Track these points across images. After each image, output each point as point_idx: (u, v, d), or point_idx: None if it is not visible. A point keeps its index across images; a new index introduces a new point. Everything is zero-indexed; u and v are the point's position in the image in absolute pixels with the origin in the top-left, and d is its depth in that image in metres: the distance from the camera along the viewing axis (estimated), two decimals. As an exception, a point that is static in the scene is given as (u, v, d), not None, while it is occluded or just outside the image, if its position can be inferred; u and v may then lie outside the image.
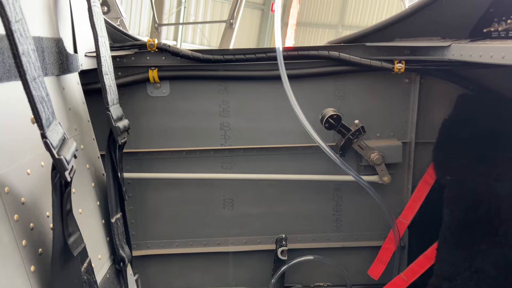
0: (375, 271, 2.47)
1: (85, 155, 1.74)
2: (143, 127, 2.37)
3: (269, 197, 2.50)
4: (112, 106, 1.76)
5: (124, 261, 1.81)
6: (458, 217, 2.14)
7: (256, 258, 2.59)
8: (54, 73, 1.55)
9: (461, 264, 2.03)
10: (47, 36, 1.51)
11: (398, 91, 2.37)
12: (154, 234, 2.53)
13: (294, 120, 2.13)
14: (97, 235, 1.73)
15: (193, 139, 2.40)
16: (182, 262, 2.58)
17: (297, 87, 2.18)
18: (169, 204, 2.48)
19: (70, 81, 1.73)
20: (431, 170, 2.37)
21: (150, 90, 2.34)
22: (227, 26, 5.10)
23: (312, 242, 2.57)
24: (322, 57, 2.25)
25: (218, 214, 2.52)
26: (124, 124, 1.82)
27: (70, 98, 1.70)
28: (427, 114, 2.40)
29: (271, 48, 2.23)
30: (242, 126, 2.40)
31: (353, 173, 2.20)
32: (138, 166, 2.42)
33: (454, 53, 1.85)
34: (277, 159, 2.45)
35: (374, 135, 2.42)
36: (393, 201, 2.49)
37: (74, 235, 1.29)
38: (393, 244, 2.40)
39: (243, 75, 2.32)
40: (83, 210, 1.62)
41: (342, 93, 2.37)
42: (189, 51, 2.22)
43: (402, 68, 2.19)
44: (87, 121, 1.85)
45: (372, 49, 2.27)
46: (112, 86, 1.79)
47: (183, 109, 2.37)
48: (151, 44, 2.20)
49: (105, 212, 1.80)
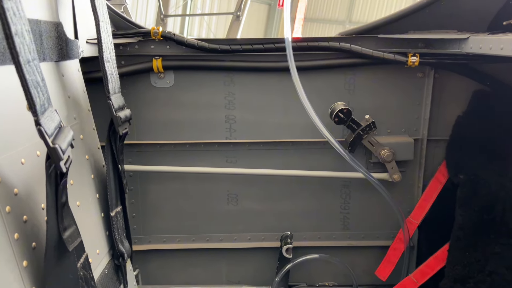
0: (383, 271, 2.39)
1: (85, 145, 1.67)
2: (145, 118, 2.30)
3: (275, 193, 2.43)
4: (114, 95, 1.69)
5: (123, 257, 1.75)
6: (471, 218, 2.06)
7: (260, 255, 2.52)
8: (52, 58, 1.48)
9: (474, 267, 1.95)
10: (45, 20, 1.43)
11: (410, 86, 2.28)
12: (155, 229, 2.46)
13: (302, 114, 2.05)
14: (96, 229, 1.67)
15: (197, 132, 2.33)
16: (184, 258, 2.51)
17: (305, 80, 2.10)
18: (172, 198, 2.42)
19: (70, 68, 1.66)
20: (443, 168, 2.29)
21: (154, 80, 2.26)
22: (234, 18, 5.01)
23: (318, 240, 2.49)
24: (333, 49, 2.16)
25: (222, 210, 2.45)
26: (126, 114, 1.74)
27: (69, 86, 1.63)
28: (440, 110, 2.31)
29: (279, 38, 2.15)
30: (248, 119, 2.33)
31: (363, 170, 2.11)
32: (140, 158, 2.35)
33: (472, 46, 1.77)
34: (284, 154, 2.38)
35: (385, 131, 2.33)
36: (403, 200, 2.41)
37: (69, 229, 1.23)
38: (402, 244, 2.32)
39: (250, 66, 2.24)
40: (81, 203, 1.55)
41: (353, 87, 2.28)
42: (194, 40, 2.15)
43: (416, 61, 2.10)
44: (87, 110, 1.78)
45: (385, 41, 2.18)
46: (113, 74, 1.72)
47: (187, 100, 2.29)
48: (156, 32, 2.12)
49: (105, 205, 1.74)
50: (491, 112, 2.16)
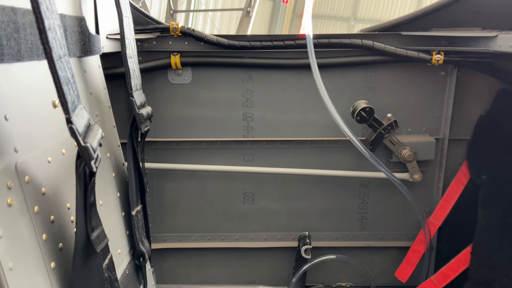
0: (403, 273, 2.35)
1: (106, 143, 1.64)
2: (162, 115, 2.26)
3: (292, 192, 2.39)
4: (136, 91, 1.65)
5: (144, 256, 1.71)
6: (495, 220, 2.02)
7: (276, 255, 2.49)
8: (76, 54, 1.44)
9: (499, 270, 1.92)
10: (69, 14, 1.40)
11: (433, 84, 2.24)
12: (171, 227, 2.43)
13: (321, 112, 2.01)
14: (117, 228, 1.63)
15: (214, 130, 2.29)
16: (199, 256, 2.48)
17: (325, 77, 2.06)
18: (187, 196, 2.38)
19: (91, 63, 1.62)
20: (464, 169, 2.25)
21: (171, 76, 2.22)
22: (244, 14, 4.96)
23: (335, 240, 2.46)
24: (355, 46, 2.12)
25: (238, 209, 2.41)
26: (148, 111, 1.71)
27: (91, 82, 1.60)
28: (462, 110, 2.26)
29: (300, 35, 2.11)
30: (266, 117, 2.29)
31: (385, 169, 2.08)
32: (156, 156, 2.32)
33: (501, 44, 1.72)
34: (302, 153, 2.34)
35: (405, 130, 2.29)
36: (423, 200, 2.37)
37: (97, 229, 1.19)
38: (423, 245, 2.28)
39: (269, 63, 2.20)
40: (104, 202, 1.52)
41: (374, 85, 2.24)
42: (214, 36, 2.11)
43: (441, 59, 2.06)
44: (108, 107, 1.75)
45: (407, 38, 2.14)
46: (135, 70, 1.68)
47: (205, 97, 2.25)
48: (175, 27, 2.08)
49: (125, 204, 1.70)
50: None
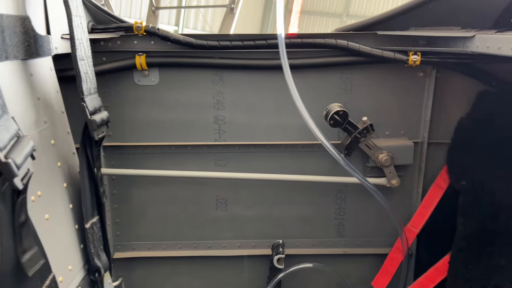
0: (380, 282, 2.27)
1: (57, 151, 1.53)
2: (129, 118, 2.16)
3: (266, 198, 2.30)
4: (89, 96, 1.54)
5: (99, 272, 1.61)
6: (474, 227, 1.94)
7: (251, 263, 2.40)
8: (18, 56, 1.33)
9: (477, 281, 1.84)
10: (8, 13, 1.28)
11: (411, 86, 2.15)
12: (140, 235, 2.33)
13: (296, 115, 1.91)
14: (68, 243, 1.53)
15: (184, 133, 2.19)
16: (170, 265, 2.38)
17: (300, 79, 1.97)
18: (157, 203, 2.28)
19: (40, 66, 1.51)
20: (444, 174, 2.17)
21: (138, 78, 2.12)
22: (228, 11, 4.83)
23: (312, 247, 2.37)
24: (329, 46, 2.02)
25: (210, 216, 2.31)
26: (102, 117, 1.60)
27: (39, 86, 1.49)
28: (442, 112, 2.18)
29: (272, 34, 2.01)
30: (239, 120, 2.19)
31: (359, 175, 1.98)
32: (123, 161, 2.21)
33: (478, 44, 1.63)
34: (276, 157, 2.24)
35: (383, 133, 2.20)
36: (402, 206, 2.29)
37: (30, 251, 1.09)
38: (401, 253, 2.20)
39: (240, 63, 2.10)
40: (51, 215, 1.41)
41: (349, 86, 2.15)
42: (180, 36, 2.00)
43: (418, 60, 1.97)
44: (61, 112, 1.64)
45: (384, 38, 2.04)
46: (89, 73, 1.57)
47: (173, 99, 2.15)
48: (138, 26, 1.97)
49: (80, 216, 1.60)
50: (496, 114, 2.03)
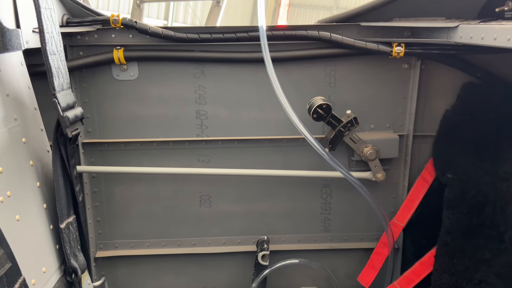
0: (366, 277, 2.24)
1: (28, 149, 1.48)
2: (108, 114, 2.11)
3: (251, 194, 2.26)
4: (61, 92, 1.49)
5: (76, 273, 1.56)
6: (459, 221, 1.91)
7: (236, 260, 2.36)
8: None
9: (462, 275, 1.81)
10: None
11: (395, 78, 2.12)
12: (122, 233, 2.28)
13: (279, 108, 1.87)
14: (42, 244, 1.48)
15: (166, 129, 2.14)
16: (154, 264, 2.34)
17: (282, 72, 1.93)
18: (139, 200, 2.23)
19: (9, 61, 1.46)
20: (430, 167, 2.14)
21: (116, 72, 2.06)
22: (214, 4, 4.75)
23: (298, 243, 2.34)
24: (312, 38, 1.98)
25: (194, 212, 2.27)
26: (76, 114, 1.54)
27: (9, 82, 1.43)
28: (427, 104, 2.15)
29: (253, 26, 1.96)
30: (221, 114, 2.15)
31: (343, 169, 1.95)
32: (104, 158, 2.16)
33: (462, 35, 1.60)
34: (260, 152, 2.20)
35: (368, 126, 2.17)
36: (387, 200, 2.27)
37: (-7, 255, 1.04)
38: (386, 248, 2.17)
39: (222, 57, 2.05)
40: (22, 216, 1.36)
41: (334, 79, 2.11)
42: (159, 28, 1.95)
43: (402, 51, 1.93)
44: (33, 109, 1.58)
45: (367, 29, 2.00)
46: (61, 68, 1.51)
47: (153, 94, 2.10)
48: (115, 19, 1.92)
49: (55, 215, 1.55)
50: (482, 106, 2.01)
